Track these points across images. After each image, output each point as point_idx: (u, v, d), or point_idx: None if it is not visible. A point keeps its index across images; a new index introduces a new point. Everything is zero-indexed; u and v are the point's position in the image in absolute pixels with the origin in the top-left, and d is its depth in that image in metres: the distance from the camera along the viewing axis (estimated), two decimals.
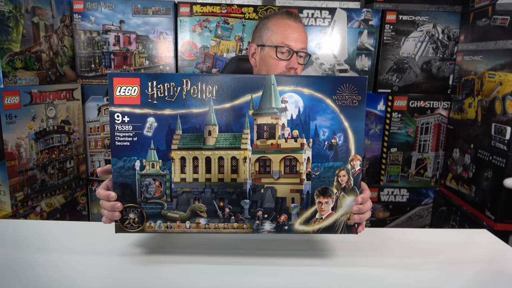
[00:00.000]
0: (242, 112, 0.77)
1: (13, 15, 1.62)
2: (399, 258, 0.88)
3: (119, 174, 0.78)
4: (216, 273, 0.79)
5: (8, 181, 1.58)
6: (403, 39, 2.02)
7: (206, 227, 0.79)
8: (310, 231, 0.79)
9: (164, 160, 0.77)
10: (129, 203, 0.78)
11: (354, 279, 0.80)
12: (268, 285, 0.76)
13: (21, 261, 0.82)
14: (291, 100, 0.77)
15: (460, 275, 0.83)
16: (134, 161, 0.77)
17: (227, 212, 0.79)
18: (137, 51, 2.01)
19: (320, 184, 0.79)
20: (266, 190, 0.79)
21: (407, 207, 2.18)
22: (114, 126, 0.77)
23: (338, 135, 0.78)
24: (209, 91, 0.76)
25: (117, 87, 0.76)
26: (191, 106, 0.76)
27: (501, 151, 1.59)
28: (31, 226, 1.02)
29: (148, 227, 0.78)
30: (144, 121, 0.76)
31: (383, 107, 2.09)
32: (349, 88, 0.77)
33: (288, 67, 1.18)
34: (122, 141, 0.77)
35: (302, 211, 0.79)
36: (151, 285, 0.75)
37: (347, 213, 0.79)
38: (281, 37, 1.18)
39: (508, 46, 1.59)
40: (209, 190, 0.79)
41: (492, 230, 1.20)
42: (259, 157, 0.79)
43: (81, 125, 2.03)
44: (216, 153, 0.78)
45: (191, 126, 0.77)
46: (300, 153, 0.78)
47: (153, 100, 0.76)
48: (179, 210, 0.79)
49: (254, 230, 0.79)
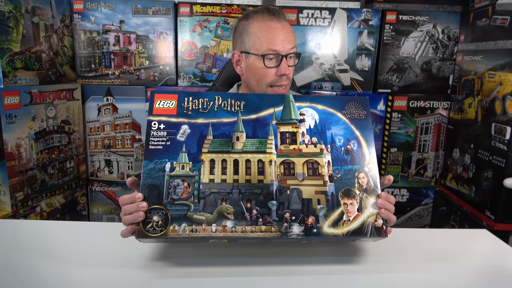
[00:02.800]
0: (266, 122, 0.86)
1: (13, 15, 1.62)
2: (399, 258, 0.88)
3: (148, 175, 0.79)
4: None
5: (8, 181, 1.58)
6: (403, 39, 2.02)
7: (233, 230, 0.77)
8: (340, 234, 0.79)
9: (194, 162, 0.81)
10: (155, 204, 0.77)
11: (353, 279, 0.80)
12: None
13: (21, 261, 0.82)
14: (308, 113, 0.87)
15: (460, 275, 0.83)
16: (165, 163, 0.80)
17: (255, 214, 0.78)
18: (137, 51, 2.01)
19: (342, 186, 0.82)
20: (292, 191, 0.81)
21: (407, 207, 2.18)
22: (150, 132, 0.82)
23: (352, 142, 0.85)
24: (238, 105, 0.86)
25: (157, 100, 0.84)
26: (221, 116, 0.85)
27: (501, 151, 1.59)
28: (31, 226, 1.02)
29: (171, 231, 0.75)
30: (179, 128, 0.83)
31: (383, 107, 2.09)
32: (355, 105, 0.88)
33: (279, 74, 1.10)
34: (156, 145, 0.81)
35: (329, 213, 0.80)
36: (153, 285, 0.75)
37: (373, 213, 0.80)
38: (266, 43, 1.08)
39: (508, 46, 1.59)
40: (236, 191, 0.80)
41: (492, 230, 1.20)
42: (283, 160, 0.84)
43: (81, 125, 2.03)
44: (244, 156, 0.83)
45: (221, 133, 0.84)
46: (321, 157, 0.84)
47: (188, 111, 0.84)
48: (206, 212, 0.78)
49: (283, 234, 0.78)
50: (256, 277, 0.79)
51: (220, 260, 0.84)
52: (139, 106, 2.04)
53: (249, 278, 0.78)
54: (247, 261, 0.84)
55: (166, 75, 2.04)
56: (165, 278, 0.78)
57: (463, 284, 0.80)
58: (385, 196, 0.81)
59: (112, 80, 2.04)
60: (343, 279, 0.79)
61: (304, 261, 0.85)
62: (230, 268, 0.81)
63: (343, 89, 2.06)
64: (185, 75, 2.04)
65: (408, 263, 0.86)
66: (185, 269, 0.81)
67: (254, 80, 1.14)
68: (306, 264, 0.84)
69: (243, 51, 1.13)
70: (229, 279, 0.78)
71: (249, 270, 0.81)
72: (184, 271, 0.80)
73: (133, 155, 2.09)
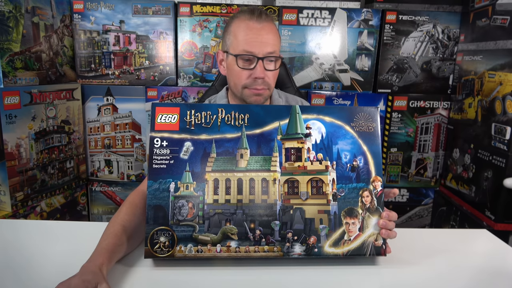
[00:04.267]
0: (271, 137, 0.84)
1: (13, 15, 1.62)
2: (399, 258, 0.88)
3: (154, 196, 0.80)
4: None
5: (8, 181, 1.58)
6: (403, 39, 2.02)
7: (237, 250, 0.79)
8: (340, 253, 0.80)
9: (198, 181, 0.81)
10: (161, 225, 0.78)
11: (353, 279, 0.80)
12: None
13: (21, 261, 0.82)
14: (314, 126, 0.85)
15: (460, 275, 0.83)
16: (169, 183, 0.80)
17: (258, 234, 0.80)
18: (137, 51, 2.01)
19: (346, 205, 0.82)
20: (295, 211, 0.81)
21: (407, 207, 2.18)
22: (153, 150, 0.81)
23: (358, 157, 0.84)
24: (242, 119, 0.84)
25: (159, 115, 0.82)
26: (225, 131, 0.83)
27: (501, 151, 1.59)
28: (31, 226, 1.02)
29: (178, 251, 0.78)
30: (182, 145, 0.82)
31: (383, 107, 2.09)
32: (364, 116, 0.86)
33: (253, 77, 1.03)
34: (159, 164, 0.81)
35: (330, 232, 0.81)
36: (154, 285, 0.75)
37: (374, 233, 0.81)
38: (242, 43, 1.02)
39: (508, 46, 1.59)
40: (240, 211, 0.80)
41: (492, 230, 1.20)
42: (287, 178, 0.83)
43: (81, 125, 2.03)
44: (248, 174, 0.82)
45: (224, 150, 0.83)
46: (325, 174, 0.83)
47: (190, 126, 0.83)
48: (211, 233, 0.79)
49: (285, 254, 0.79)
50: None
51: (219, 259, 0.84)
52: (139, 106, 2.04)
53: (249, 277, 0.78)
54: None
55: (166, 75, 2.04)
56: (165, 276, 0.78)
57: (463, 284, 0.80)
58: (387, 216, 0.81)
59: (112, 80, 2.04)
60: (343, 279, 0.79)
61: (302, 262, 0.85)
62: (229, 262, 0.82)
63: (343, 89, 2.06)
64: (185, 75, 2.04)
65: (408, 263, 0.86)
66: (185, 269, 0.81)
67: (232, 81, 1.10)
68: (304, 264, 0.84)
69: (225, 50, 1.09)
70: (227, 271, 0.78)
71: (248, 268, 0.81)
72: (184, 271, 0.80)
73: (133, 155, 2.09)
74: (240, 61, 1.03)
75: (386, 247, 0.82)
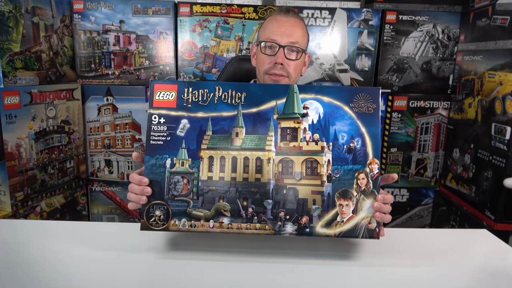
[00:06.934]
0: (267, 116, 0.83)
1: (13, 15, 1.62)
2: (399, 258, 0.88)
3: (150, 171, 0.82)
4: (234, 271, 0.79)
5: (8, 181, 1.58)
6: (403, 39, 2.02)
7: (229, 226, 0.80)
8: (332, 234, 0.80)
9: (193, 158, 0.82)
10: (157, 200, 0.81)
11: (353, 279, 0.80)
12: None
13: (21, 261, 0.82)
14: (312, 106, 0.83)
15: (460, 275, 0.83)
16: (166, 159, 0.82)
17: (250, 212, 0.80)
18: (137, 51, 2.01)
19: (340, 186, 0.81)
20: (288, 191, 0.81)
21: (407, 207, 2.18)
22: (151, 126, 0.83)
23: (356, 139, 0.82)
24: (238, 97, 0.84)
25: (157, 92, 0.83)
26: (221, 110, 0.83)
27: (501, 151, 1.59)
28: (31, 226, 1.02)
29: (172, 225, 0.80)
30: (178, 122, 0.83)
31: (383, 107, 2.09)
32: (365, 97, 0.83)
33: (273, 62, 1.12)
34: (157, 140, 0.82)
35: (323, 213, 0.80)
36: (154, 284, 0.75)
37: (368, 216, 0.80)
38: (268, 32, 1.14)
39: (508, 46, 1.59)
40: (233, 189, 0.81)
41: (492, 230, 1.20)
42: (282, 158, 0.83)
43: (81, 125, 2.03)
44: (242, 153, 0.83)
45: (220, 128, 0.83)
46: (321, 155, 0.82)
47: (187, 104, 0.83)
48: (204, 209, 0.81)
49: (276, 232, 0.80)
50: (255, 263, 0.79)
51: (220, 250, 0.84)
52: (139, 106, 2.04)
53: (248, 275, 0.78)
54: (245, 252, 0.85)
55: (166, 75, 2.04)
56: (165, 280, 0.78)
57: (463, 284, 0.80)
58: (382, 198, 0.80)
59: (112, 80, 2.04)
60: (342, 280, 0.79)
61: (304, 261, 0.85)
62: (229, 257, 0.82)
63: None
64: (185, 75, 2.04)
65: (408, 263, 0.86)
66: (184, 270, 0.81)
67: (257, 68, 1.20)
68: (306, 264, 0.84)
69: (257, 43, 1.21)
70: (228, 264, 0.78)
71: (247, 265, 0.81)
72: (184, 272, 0.80)
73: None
74: (264, 48, 1.14)
75: (380, 230, 0.81)
